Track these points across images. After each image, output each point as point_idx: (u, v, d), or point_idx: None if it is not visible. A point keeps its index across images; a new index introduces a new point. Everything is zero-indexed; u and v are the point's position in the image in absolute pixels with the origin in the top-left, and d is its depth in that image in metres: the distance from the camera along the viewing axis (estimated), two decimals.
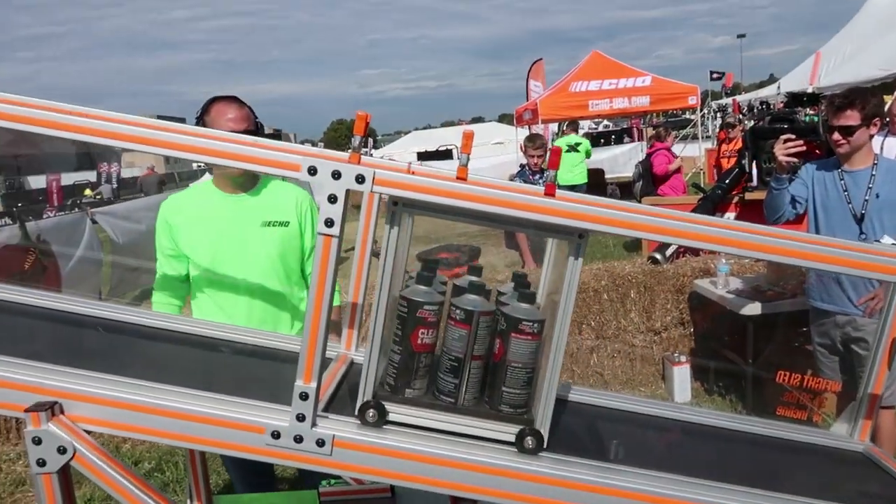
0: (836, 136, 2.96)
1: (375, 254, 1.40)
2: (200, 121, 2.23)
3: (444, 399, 1.32)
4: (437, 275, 1.41)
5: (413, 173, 1.27)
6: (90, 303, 1.75)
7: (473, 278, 1.45)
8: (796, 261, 1.32)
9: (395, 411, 1.31)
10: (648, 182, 8.22)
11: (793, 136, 3.15)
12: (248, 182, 2.31)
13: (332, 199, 1.18)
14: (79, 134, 1.22)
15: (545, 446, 1.30)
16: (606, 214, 1.25)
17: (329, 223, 1.18)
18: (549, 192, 1.27)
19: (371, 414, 1.29)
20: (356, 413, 1.29)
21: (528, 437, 1.29)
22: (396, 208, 1.24)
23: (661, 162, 8.00)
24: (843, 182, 3.02)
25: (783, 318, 3.88)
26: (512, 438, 1.30)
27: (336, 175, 1.18)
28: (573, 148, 11.45)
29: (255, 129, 2.29)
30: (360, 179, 1.18)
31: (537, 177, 5.60)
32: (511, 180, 6.26)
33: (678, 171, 8.19)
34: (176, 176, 30.37)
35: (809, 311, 3.27)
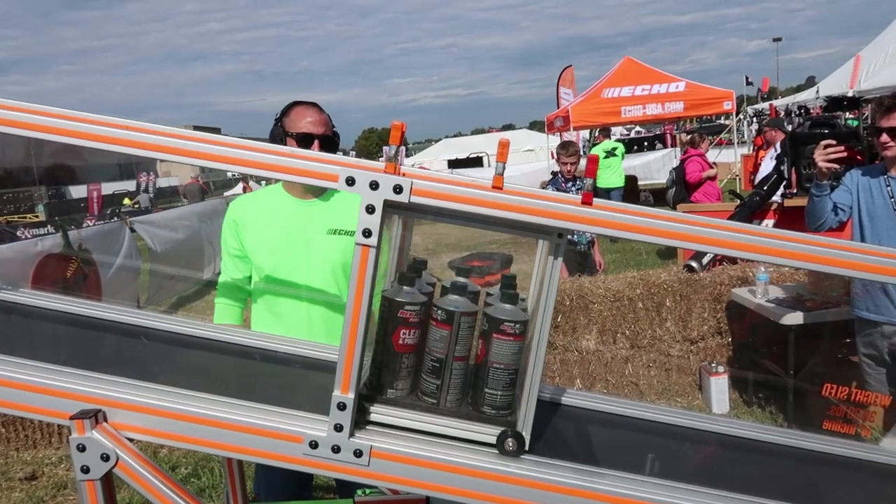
0: (885, 137, 2.87)
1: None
2: (279, 122, 2.24)
3: (426, 400, 1.32)
4: (424, 275, 1.40)
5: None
6: (130, 311, 1.79)
7: (460, 279, 1.43)
8: (840, 270, 1.28)
9: (377, 411, 1.30)
10: (682, 189, 8.08)
11: (833, 142, 3.08)
12: (318, 187, 2.27)
13: (370, 209, 1.19)
14: (127, 147, 1.25)
15: (527, 448, 1.28)
16: (641, 223, 1.23)
17: (367, 233, 1.19)
18: (587, 201, 1.26)
19: None
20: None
21: (510, 439, 1.27)
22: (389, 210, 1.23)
23: (694, 169, 7.86)
24: (889, 188, 2.94)
25: (825, 328, 3.78)
26: (493, 440, 1.29)
27: (374, 185, 1.18)
28: (610, 153, 12.10)
29: (332, 136, 2.27)
30: (397, 189, 1.18)
31: (570, 184, 5.56)
32: (543, 188, 6.23)
33: (713, 178, 8.04)
34: (210, 185, 30.90)
35: (855, 321, 3.18)
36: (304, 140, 2.18)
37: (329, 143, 2.23)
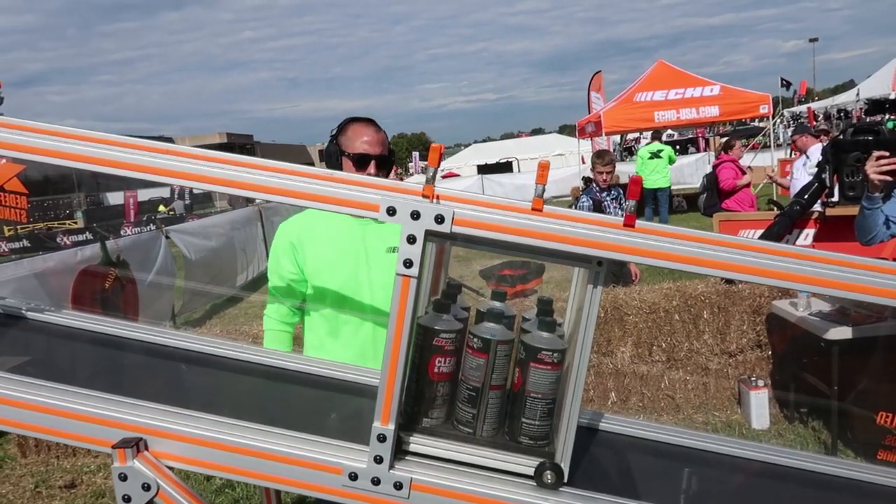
0: None
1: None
2: (335, 140, 2.18)
3: (462, 429, 1.29)
4: (459, 300, 1.37)
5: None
6: (168, 332, 1.79)
7: (496, 304, 1.40)
8: (887, 300, 1.22)
9: (412, 441, 1.28)
10: (714, 195, 7.86)
11: (886, 154, 2.98)
12: None
13: (412, 239, 1.17)
14: (156, 175, 1.25)
15: (565, 480, 1.25)
16: (688, 253, 1.19)
17: (408, 264, 1.17)
18: (629, 224, 1.22)
19: None
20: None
21: (548, 472, 1.24)
22: (448, 242, 1.22)
23: (727, 176, 7.63)
24: None
25: (875, 343, 3.66)
26: (531, 472, 1.26)
27: (415, 215, 1.16)
28: (656, 154, 12.77)
29: (389, 155, 2.19)
30: (439, 220, 1.16)
31: (604, 193, 5.49)
32: (576, 197, 6.14)
33: (747, 185, 7.82)
34: None
35: None
36: (361, 161, 2.12)
37: (385, 162, 2.17)
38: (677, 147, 24.78)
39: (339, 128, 2.21)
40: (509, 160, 25.24)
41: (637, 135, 16.85)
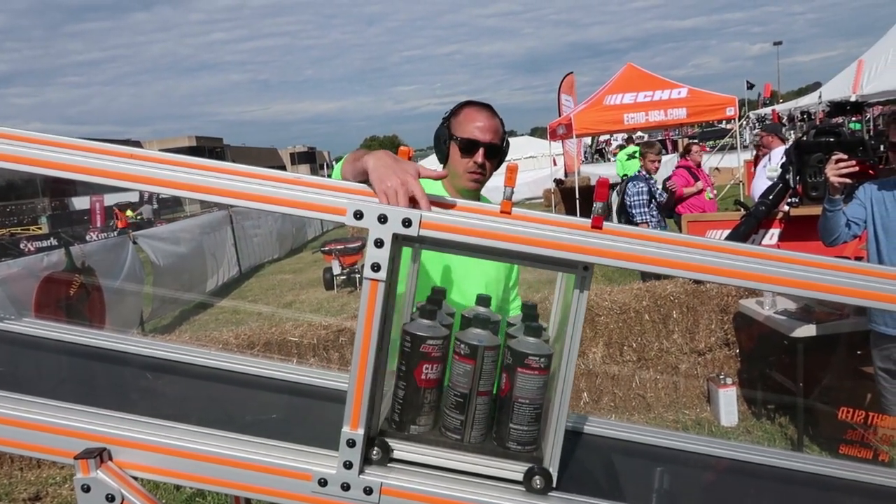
0: None
1: None
2: (447, 122, 2.03)
3: (450, 436, 1.29)
4: (444, 306, 1.37)
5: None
6: (133, 340, 1.77)
7: (481, 309, 1.40)
8: (852, 300, 1.24)
9: (400, 448, 1.28)
10: (671, 199, 7.62)
11: (845, 157, 3.05)
12: (476, 197, 2.05)
13: (379, 243, 1.16)
14: (125, 181, 1.23)
15: (554, 485, 1.26)
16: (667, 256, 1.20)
17: (375, 268, 1.16)
18: (597, 226, 1.23)
19: (375, 451, 1.26)
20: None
21: (537, 477, 1.25)
22: (416, 245, 1.22)
23: (677, 183, 7.40)
24: None
25: (838, 340, 3.74)
26: (520, 477, 1.26)
27: (382, 219, 1.16)
28: (632, 156, 13.86)
29: (501, 144, 2.01)
30: (406, 223, 1.16)
31: (652, 181, 6.30)
32: (626, 183, 6.23)
33: (698, 193, 7.55)
34: None
35: (871, 334, 3.14)
36: (468, 147, 1.95)
37: (496, 152, 1.99)
38: None
39: (453, 110, 2.06)
40: None
41: (608, 137, 17.21)
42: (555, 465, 1.25)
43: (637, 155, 13.25)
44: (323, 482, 1.23)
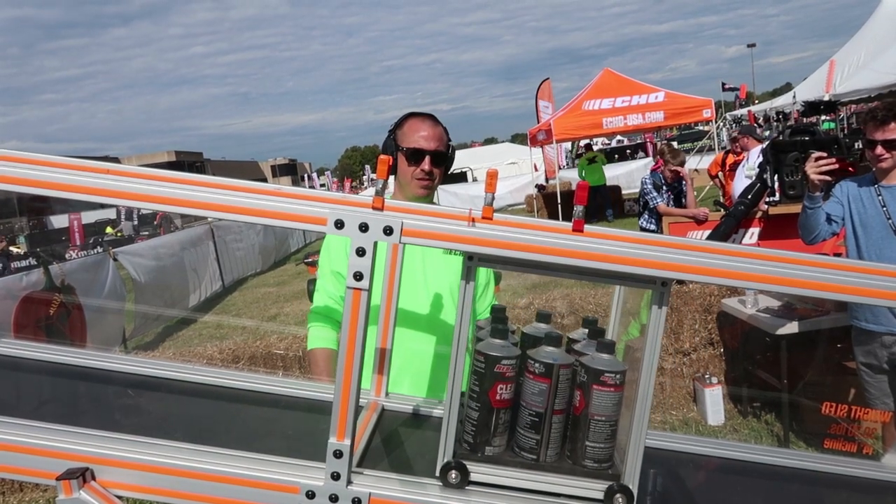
0: (879, 150, 2.89)
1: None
2: (393, 134, 2.12)
3: (526, 456, 1.27)
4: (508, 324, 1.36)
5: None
6: (114, 357, 1.74)
7: (544, 326, 1.39)
8: (840, 296, 1.26)
9: (476, 470, 1.26)
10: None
11: (824, 154, 3.09)
12: (431, 197, 2.13)
13: (361, 252, 1.16)
14: (101, 196, 1.22)
15: (635, 502, 1.25)
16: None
17: (358, 276, 1.16)
18: (577, 228, 1.24)
19: (454, 475, 1.24)
20: (437, 474, 1.25)
21: (618, 494, 1.23)
22: (472, 263, 1.20)
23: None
24: (880, 198, 2.96)
25: (820, 336, 3.79)
26: (599, 495, 1.24)
27: (363, 228, 1.16)
28: (592, 161, 15.78)
29: (446, 151, 2.11)
30: (387, 231, 1.16)
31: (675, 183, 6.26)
32: (656, 187, 6.22)
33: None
34: None
35: (852, 330, 3.18)
36: (415, 156, 2.05)
37: (441, 159, 2.09)
38: (628, 151, 25.49)
39: (397, 122, 2.15)
40: (463, 170, 25.32)
41: (588, 141, 17.54)
42: (635, 482, 1.24)
43: (597, 160, 16.00)
44: (311, 494, 1.22)
